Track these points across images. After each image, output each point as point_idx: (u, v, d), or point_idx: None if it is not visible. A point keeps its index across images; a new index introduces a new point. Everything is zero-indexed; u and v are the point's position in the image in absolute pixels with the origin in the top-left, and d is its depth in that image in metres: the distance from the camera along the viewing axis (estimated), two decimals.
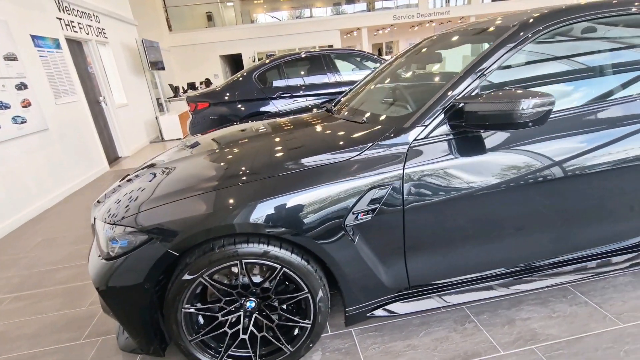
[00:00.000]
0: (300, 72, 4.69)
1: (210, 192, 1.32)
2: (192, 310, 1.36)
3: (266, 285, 1.38)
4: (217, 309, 1.40)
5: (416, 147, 1.36)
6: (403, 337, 1.63)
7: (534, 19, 1.50)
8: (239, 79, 4.54)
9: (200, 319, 1.44)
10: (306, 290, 1.38)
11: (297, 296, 1.39)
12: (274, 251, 1.30)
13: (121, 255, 1.29)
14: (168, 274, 1.37)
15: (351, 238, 1.34)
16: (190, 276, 1.29)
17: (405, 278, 1.49)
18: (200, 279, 1.30)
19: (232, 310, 1.40)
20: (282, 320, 1.44)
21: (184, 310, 1.34)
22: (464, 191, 1.36)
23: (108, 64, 6.60)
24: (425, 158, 1.35)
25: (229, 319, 1.41)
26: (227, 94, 4.45)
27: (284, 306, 1.44)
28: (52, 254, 2.88)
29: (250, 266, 1.36)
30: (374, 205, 1.32)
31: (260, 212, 1.26)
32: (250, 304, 1.40)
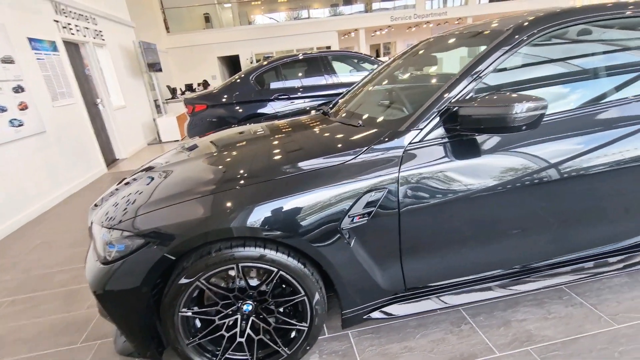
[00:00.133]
0: (298, 74, 4.70)
1: (207, 196, 1.32)
2: (189, 313, 1.36)
3: (263, 289, 1.38)
4: (214, 313, 1.40)
5: (411, 150, 1.37)
6: (400, 339, 1.64)
7: (528, 22, 1.51)
8: (237, 81, 4.55)
9: (197, 322, 1.44)
10: (303, 293, 1.38)
11: (293, 299, 1.40)
12: (270, 254, 1.31)
13: (118, 260, 1.30)
14: (165, 277, 1.37)
15: (347, 241, 1.35)
16: (187, 280, 1.29)
17: (401, 280, 1.50)
18: (197, 283, 1.31)
19: (229, 314, 1.41)
20: (279, 323, 1.44)
21: (181, 314, 1.34)
22: (459, 194, 1.37)
23: (105, 66, 6.59)
24: (421, 161, 1.36)
25: (226, 322, 1.42)
26: (224, 96, 4.45)
27: (281, 309, 1.44)
28: (50, 257, 2.87)
29: (247, 269, 1.36)
30: (370, 208, 1.33)
31: (257, 216, 1.26)
32: (247, 307, 1.41)
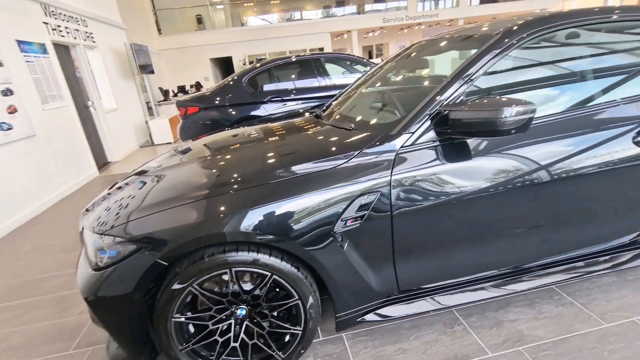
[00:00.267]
0: (291, 76, 4.71)
1: (201, 200, 1.32)
2: (182, 319, 1.35)
3: (257, 293, 1.38)
4: (207, 318, 1.40)
5: (403, 154, 1.38)
6: (393, 341, 1.65)
7: (518, 26, 1.53)
8: (230, 83, 4.53)
9: (190, 327, 1.43)
10: (297, 297, 1.38)
11: (287, 303, 1.40)
12: (263, 259, 1.31)
13: (110, 266, 1.29)
14: (158, 282, 1.37)
15: (340, 244, 1.35)
16: (180, 285, 1.29)
17: (394, 283, 1.51)
18: (190, 288, 1.30)
19: (223, 319, 1.40)
20: (273, 327, 1.44)
21: (174, 320, 1.34)
22: (451, 196, 1.39)
23: (96, 68, 6.53)
24: (413, 164, 1.37)
25: (219, 327, 1.41)
26: (217, 98, 4.44)
27: (275, 313, 1.44)
28: (40, 263, 2.84)
29: (241, 274, 1.36)
30: (363, 211, 1.34)
31: (251, 221, 1.26)
32: (240, 312, 1.40)
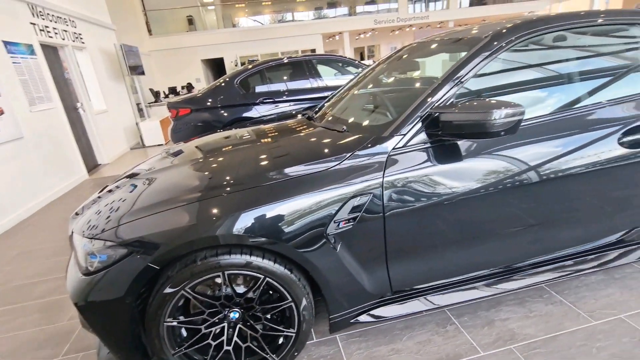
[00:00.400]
0: (283, 78, 4.71)
1: (193, 203, 1.31)
2: (174, 323, 1.34)
3: (250, 296, 1.38)
4: (200, 321, 1.39)
5: (395, 155, 1.39)
6: (387, 342, 1.65)
7: (507, 29, 1.56)
8: (221, 85, 4.52)
9: (183, 331, 1.42)
10: (290, 299, 1.38)
11: (281, 305, 1.40)
12: (256, 261, 1.31)
13: (101, 270, 1.27)
14: (150, 286, 1.35)
15: (333, 246, 1.36)
16: (172, 289, 1.28)
17: (387, 283, 1.52)
18: (182, 292, 1.29)
19: (216, 322, 1.40)
20: (267, 330, 1.44)
21: (166, 324, 1.32)
22: (443, 197, 1.40)
23: (85, 69, 6.44)
24: (405, 166, 1.38)
25: (212, 330, 1.40)
26: (209, 99, 4.41)
27: (268, 316, 1.44)
28: (28, 268, 2.79)
29: (233, 277, 1.35)
30: (355, 213, 1.34)
31: (244, 223, 1.26)
32: (234, 315, 1.40)
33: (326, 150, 1.49)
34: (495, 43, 1.51)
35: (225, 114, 4.34)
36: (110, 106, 7.04)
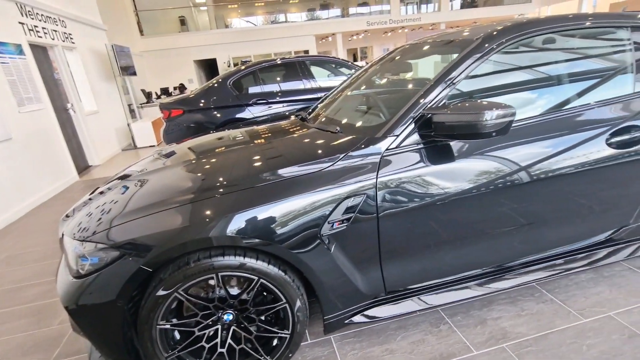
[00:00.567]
0: (276, 79, 4.70)
1: (186, 205, 1.30)
2: (167, 326, 1.33)
3: (243, 297, 1.37)
4: (193, 324, 1.38)
5: (388, 156, 1.40)
6: (381, 342, 1.66)
7: (497, 31, 1.58)
8: (214, 86, 4.49)
9: (176, 334, 1.41)
10: (284, 301, 1.38)
11: (275, 307, 1.40)
12: (250, 263, 1.30)
13: (92, 273, 1.26)
14: (142, 289, 1.34)
15: (327, 247, 1.36)
16: (165, 292, 1.27)
17: (381, 284, 1.52)
18: (175, 294, 1.28)
19: (210, 324, 1.39)
20: (261, 332, 1.43)
21: (159, 327, 1.31)
22: (435, 198, 1.41)
23: (76, 69, 6.37)
24: (398, 167, 1.39)
25: (206, 333, 1.39)
26: (201, 100, 4.39)
27: (262, 317, 1.43)
28: (17, 272, 2.74)
29: (227, 279, 1.35)
30: (349, 214, 1.35)
31: (237, 225, 1.26)
32: (227, 317, 1.39)
33: (320, 151, 1.49)
34: (487, 45, 1.52)
35: (218, 115, 4.32)
36: (101, 107, 6.96)
